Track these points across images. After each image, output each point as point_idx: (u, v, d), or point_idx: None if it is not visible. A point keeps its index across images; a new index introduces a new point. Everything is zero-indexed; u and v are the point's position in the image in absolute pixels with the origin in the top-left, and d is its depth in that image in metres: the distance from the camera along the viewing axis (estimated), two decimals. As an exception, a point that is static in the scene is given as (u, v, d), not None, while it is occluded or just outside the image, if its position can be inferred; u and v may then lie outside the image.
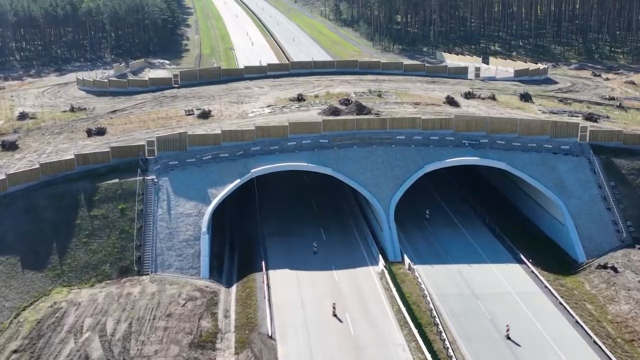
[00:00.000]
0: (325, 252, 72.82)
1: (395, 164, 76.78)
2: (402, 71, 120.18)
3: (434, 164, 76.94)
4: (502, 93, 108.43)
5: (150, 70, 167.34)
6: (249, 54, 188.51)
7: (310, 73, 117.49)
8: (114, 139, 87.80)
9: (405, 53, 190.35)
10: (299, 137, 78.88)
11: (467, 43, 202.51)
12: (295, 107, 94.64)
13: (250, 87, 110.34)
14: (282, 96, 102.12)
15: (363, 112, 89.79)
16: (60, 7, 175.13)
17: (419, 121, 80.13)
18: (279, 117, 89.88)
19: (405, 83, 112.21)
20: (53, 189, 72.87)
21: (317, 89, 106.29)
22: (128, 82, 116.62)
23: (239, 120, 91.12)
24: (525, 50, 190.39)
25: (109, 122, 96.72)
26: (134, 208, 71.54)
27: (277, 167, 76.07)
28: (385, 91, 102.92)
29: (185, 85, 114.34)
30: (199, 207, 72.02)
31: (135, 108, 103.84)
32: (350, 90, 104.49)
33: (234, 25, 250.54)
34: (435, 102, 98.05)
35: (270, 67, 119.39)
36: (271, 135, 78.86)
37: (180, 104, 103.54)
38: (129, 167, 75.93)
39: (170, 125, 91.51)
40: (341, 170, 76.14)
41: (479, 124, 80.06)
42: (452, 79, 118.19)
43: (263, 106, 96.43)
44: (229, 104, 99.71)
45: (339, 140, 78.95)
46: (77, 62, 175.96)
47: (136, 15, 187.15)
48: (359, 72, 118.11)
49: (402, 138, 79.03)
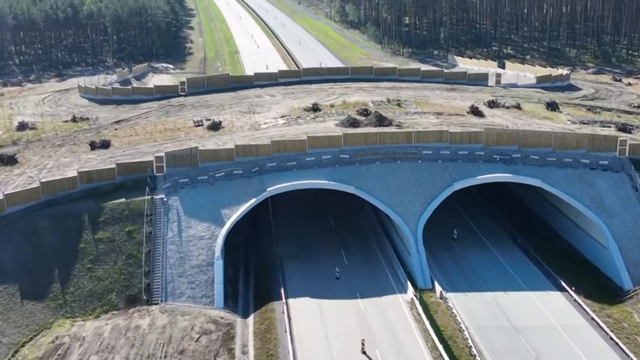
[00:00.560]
0: (348, 277, 67.51)
1: (422, 181, 71.49)
2: (419, 78, 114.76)
3: (463, 181, 71.63)
4: (526, 101, 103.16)
5: (153, 75, 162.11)
6: (254, 58, 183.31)
7: (323, 80, 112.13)
8: (119, 152, 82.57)
9: (416, 56, 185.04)
10: (317, 152, 73.58)
11: (478, 46, 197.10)
12: (311, 118, 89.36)
13: (261, 96, 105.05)
14: (296, 105, 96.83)
15: (383, 123, 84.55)
16: (60, 9, 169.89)
17: (446, 134, 74.82)
18: (294, 129, 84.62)
19: (423, 91, 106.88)
20: (54, 210, 67.58)
21: (332, 98, 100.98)
22: (132, 90, 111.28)
23: (251, 132, 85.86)
24: (539, 53, 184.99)
25: (113, 133, 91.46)
26: (142, 230, 66.26)
27: (295, 185, 70.75)
28: (404, 100, 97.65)
29: (192, 93, 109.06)
30: (212, 229, 66.73)
31: (141, 118, 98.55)
32: (367, 98, 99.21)
33: (238, 27, 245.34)
34: (458, 111, 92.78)
35: (282, 74, 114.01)
36: (288, 150, 73.57)
37: (188, 113, 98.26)
38: (136, 184, 70.66)
39: (179, 138, 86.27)
40: (364, 188, 70.84)
41: (510, 137, 74.76)
42: (472, 86, 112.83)
43: (276, 116, 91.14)
44: (239, 114, 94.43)
45: (360, 155, 73.66)
46: (78, 67, 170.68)
47: (139, 18, 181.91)
48: (374, 79, 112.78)
49: (428, 153, 73.74)
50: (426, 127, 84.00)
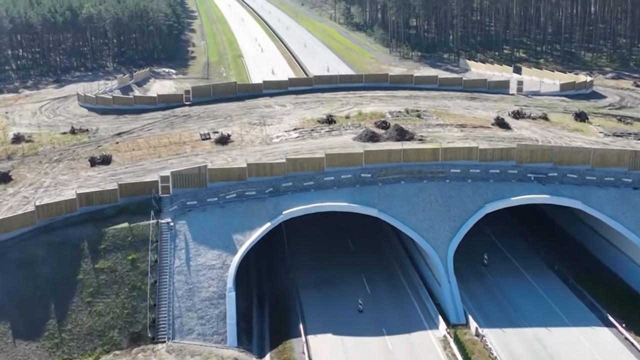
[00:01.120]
0: (373, 309, 61.70)
1: (451, 202, 65.69)
2: (436, 86, 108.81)
3: (496, 202, 65.78)
4: (552, 111, 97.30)
5: (155, 80, 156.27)
6: (259, 62, 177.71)
7: (336, 88, 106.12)
8: (121, 169, 76.76)
9: (425, 60, 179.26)
10: (337, 170, 67.79)
11: (489, 49, 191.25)
12: (326, 131, 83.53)
13: (270, 105, 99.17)
14: (308, 116, 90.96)
15: (404, 137, 78.75)
16: (59, 13, 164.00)
17: (475, 151, 69.00)
18: (308, 144, 78.83)
19: (442, 100, 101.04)
20: (51, 237, 61.72)
21: (347, 108, 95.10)
22: (134, 99, 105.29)
23: (262, 146, 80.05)
24: (552, 57, 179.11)
25: (115, 147, 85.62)
26: (146, 258, 60.46)
27: (313, 208, 64.90)
28: (423, 110, 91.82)
29: (197, 103, 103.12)
30: (223, 258, 60.91)
31: (144, 130, 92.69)
32: (384, 109, 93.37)
33: (240, 29, 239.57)
34: (482, 123, 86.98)
35: (292, 82, 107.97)
36: (305, 169, 67.77)
37: (193, 125, 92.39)
38: (140, 207, 64.87)
39: (184, 153, 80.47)
40: (389, 211, 65.01)
41: (545, 154, 68.93)
42: (493, 94, 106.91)
43: (289, 129, 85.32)
44: (249, 126, 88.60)
45: (383, 174, 67.87)
46: (77, 72, 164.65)
47: (139, 22, 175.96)
48: (389, 88, 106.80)
49: (457, 171, 67.96)
50: (450, 141, 78.25)
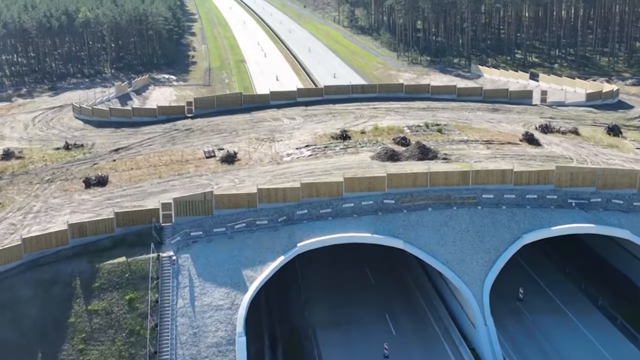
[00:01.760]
0: (400, 355, 55.10)
1: (484, 232, 59.13)
2: (455, 96, 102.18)
3: (534, 233, 59.15)
4: (581, 124, 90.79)
5: (155, 88, 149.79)
6: (263, 68, 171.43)
7: (348, 99, 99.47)
8: (118, 192, 70.20)
9: (435, 65, 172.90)
10: (356, 196, 61.29)
11: (500, 53, 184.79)
12: (341, 148, 76.93)
13: (279, 118, 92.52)
14: (320, 131, 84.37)
15: (427, 156, 72.21)
16: (54, 17, 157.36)
17: (509, 174, 62.43)
18: (322, 163, 72.26)
19: (462, 112, 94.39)
20: (39, 273, 55.15)
21: (361, 122, 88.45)
22: (133, 111, 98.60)
23: (272, 166, 73.49)
24: (567, 62, 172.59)
25: (112, 166, 79.03)
26: (146, 298, 53.89)
27: (332, 239, 58.25)
28: (444, 124, 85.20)
29: (200, 115, 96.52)
30: (232, 297, 54.34)
31: (143, 146, 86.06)
32: (401, 122, 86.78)
33: (242, 32, 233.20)
34: (509, 139, 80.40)
35: (300, 93, 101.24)
36: (321, 194, 61.22)
37: (196, 140, 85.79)
38: (139, 238, 58.39)
39: (187, 173, 73.89)
40: (415, 242, 58.44)
41: (587, 177, 62.37)
42: (515, 105, 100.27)
43: (300, 146, 78.72)
44: (257, 142, 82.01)
45: (408, 200, 61.32)
46: (74, 79, 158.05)
47: (138, 26, 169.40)
48: (404, 98, 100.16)
49: (490, 197, 61.40)
50: (477, 160, 71.69)
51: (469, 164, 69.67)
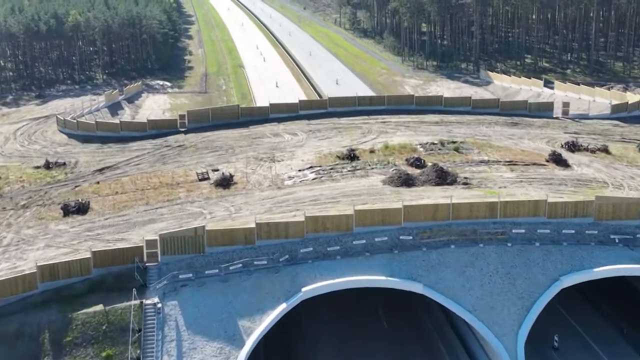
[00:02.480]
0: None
1: (515, 274, 51.56)
2: (470, 108, 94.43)
3: (574, 275, 51.58)
4: (609, 139, 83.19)
5: (148, 95, 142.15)
6: (261, 73, 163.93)
7: (354, 112, 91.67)
8: (99, 221, 62.60)
9: (442, 71, 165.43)
10: (369, 231, 53.77)
11: (508, 57, 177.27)
12: (348, 171, 69.30)
13: (279, 134, 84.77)
14: (325, 149, 76.70)
15: (446, 180, 64.68)
16: (43, 20, 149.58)
17: (543, 205, 54.85)
18: (328, 189, 64.63)
19: (479, 126, 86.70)
20: (1, 326, 47.58)
21: (370, 138, 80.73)
22: (121, 125, 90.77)
23: (272, 191, 65.88)
24: (580, 67, 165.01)
25: (94, 189, 71.35)
26: (125, 355, 46.35)
27: (341, 283, 50.75)
28: (461, 141, 77.57)
29: (194, 129, 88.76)
30: (226, 352, 46.81)
31: (130, 165, 78.39)
32: (413, 139, 79.11)
33: (240, 35, 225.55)
34: (534, 158, 72.82)
35: (303, 105, 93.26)
36: (328, 229, 53.65)
37: (189, 159, 78.11)
38: (119, 281, 50.90)
39: (178, 199, 66.27)
40: (437, 286, 50.91)
41: (631, 209, 54.85)
42: (535, 118, 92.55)
43: (303, 167, 71.08)
44: (255, 162, 74.35)
45: (427, 235, 53.78)
46: (63, 85, 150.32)
47: (132, 29, 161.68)
48: (415, 111, 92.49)
49: (521, 232, 53.85)
50: (502, 184, 64.15)
51: (493, 190, 62.16)
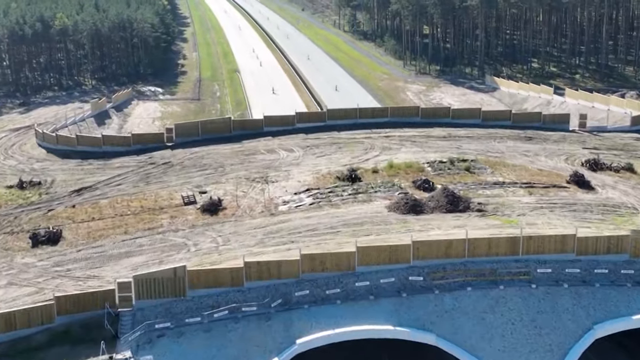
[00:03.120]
0: None
1: (542, 321, 44.94)
2: (479, 120, 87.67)
3: (609, 324, 44.86)
4: (632, 156, 76.49)
5: (139, 102, 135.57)
6: (257, 78, 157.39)
7: (355, 125, 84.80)
8: (71, 253, 55.95)
9: (445, 76, 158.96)
10: (373, 270, 47.15)
11: (514, 62, 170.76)
12: (349, 194, 62.56)
13: (274, 150, 77.96)
14: (324, 168, 69.99)
15: (458, 206, 58.01)
16: (28, 24, 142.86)
17: (571, 241, 48.24)
18: (327, 216, 57.96)
19: (490, 141, 79.94)
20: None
21: (372, 155, 73.98)
22: (103, 140, 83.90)
23: (264, 218, 59.18)
24: (589, 72, 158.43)
25: (69, 214, 64.54)
26: (91, 423, 39.81)
27: (342, 334, 44.08)
28: (472, 160, 70.89)
29: (182, 144, 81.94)
30: (209, 419, 40.25)
31: (111, 185, 71.61)
32: (419, 157, 72.41)
33: (237, 39, 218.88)
34: (553, 179, 66.18)
35: (300, 117, 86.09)
36: (328, 269, 47.02)
37: (175, 179, 71.33)
38: (86, 331, 44.27)
39: (160, 226, 59.57)
40: (453, 337, 44.28)
41: (671, 244, 48.35)
42: (550, 131, 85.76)
43: (299, 190, 64.36)
44: (246, 184, 67.63)
45: (440, 275, 47.18)
46: (50, 92, 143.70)
47: (122, 33, 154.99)
48: (421, 124, 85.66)
49: (547, 272, 47.25)
50: (520, 211, 57.51)
51: (511, 218, 55.60)
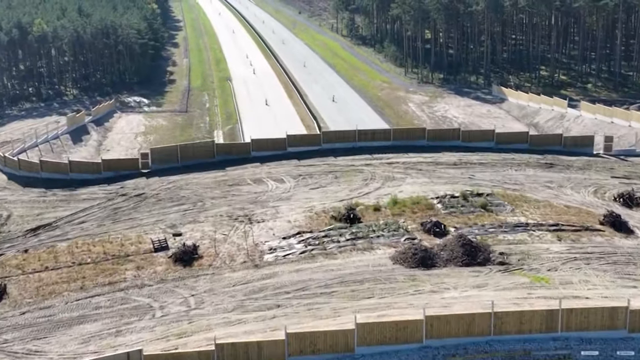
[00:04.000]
0: None
1: (589, 422, 35.95)
2: (493, 143, 78.41)
3: None
4: (668, 187, 67.40)
5: (121, 115, 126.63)
6: (250, 88, 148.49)
7: (353, 150, 75.46)
8: (12, 318, 46.65)
9: (449, 85, 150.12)
10: (377, 352, 37.98)
11: (520, 69, 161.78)
12: (347, 240, 53.24)
13: (262, 179, 68.53)
14: (318, 204, 60.64)
15: (476, 259, 48.86)
16: (4, 30, 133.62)
17: (622, 314, 39.10)
18: (320, 269, 48.70)
19: (508, 169, 70.54)
20: None
21: (373, 187, 64.52)
22: (70, 166, 74.39)
23: (246, 271, 49.90)
24: (602, 81, 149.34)
25: (20, 261, 55.06)
26: None
27: None
28: (488, 194, 61.61)
29: (159, 171, 72.46)
30: None
31: (73, 223, 62.24)
32: (427, 190, 63.07)
33: (230, 44, 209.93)
34: (583, 219, 56.93)
35: (292, 141, 76.59)
36: (320, 351, 37.84)
37: (147, 215, 62.00)
38: None
39: (123, 280, 50.25)
40: None
41: None
42: (572, 155, 76.51)
43: (289, 233, 55.02)
44: (228, 223, 58.29)
45: (460, 358, 38.02)
46: (28, 103, 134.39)
47: (106, 40, 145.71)
48: (427, 147, 76.30)
49: (593, 354, 38.09)
50: (550, 265, 48.31)
51: (540, 275, 46.50)
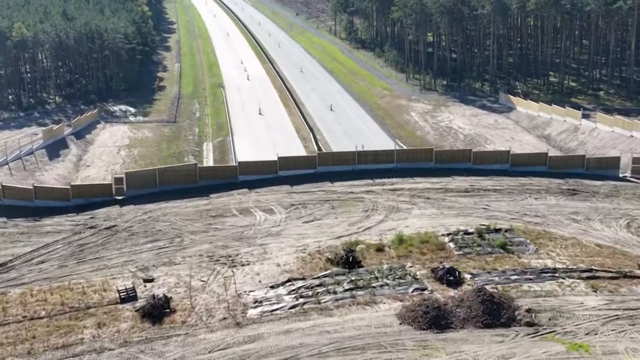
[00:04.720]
0: None
1: None
2: (508, 166, 70.65)
3: None
4: None
5: (105, 126, 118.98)
6: (244, 95, 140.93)
7: (353, 174, 67.71)
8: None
9: (453, 93, 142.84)
10: None
11: (527, 75, 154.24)
12: (345, 290, 45.30)
13: (249, 210, 60.52)
14: (312, 242, 52.75)
15: (500, 317, 41.05)
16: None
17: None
18: (313, 329, 40.82)
19: (526, 197, 62.76)
20: None
21: (375, 221, 56.57)
22: (35, 192, 66.27)
23: (226, 331, 41.99)
24: (614, 87, 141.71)
25: (-36, 314, 47.42)
26: None
27: None
28: (506, 229, 53.82)
29: (134, 198, 64.53)
30: None
31: (32, 263, 54.32)
32: (437, 223, 55.21)
33: (224, 47, 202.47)
34: (619, 261, 49.16)
35: (284, 163, 68.66)
36: None
37: (116, 255, 54.06)
38: None
39: (80, 342, 42.23)
40: None
41: None
42: (596, 179, 68.83)
43: (277, 280, 47.07)
44: (207, 265, 50.37)
45: None
46: (6, 112, 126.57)
47: (91, 45, 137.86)
48: (435, 171, 68.43)
49: None
50: (589, 326, 40.52)
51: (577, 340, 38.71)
